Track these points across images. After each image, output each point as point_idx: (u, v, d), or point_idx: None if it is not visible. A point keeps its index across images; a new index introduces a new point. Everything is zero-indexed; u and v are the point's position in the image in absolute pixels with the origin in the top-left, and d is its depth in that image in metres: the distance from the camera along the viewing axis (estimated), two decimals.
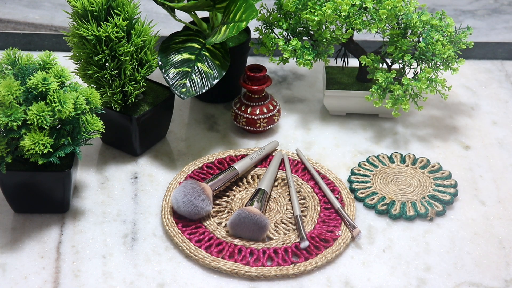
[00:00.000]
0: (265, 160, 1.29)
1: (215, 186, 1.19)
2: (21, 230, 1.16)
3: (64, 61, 1.22)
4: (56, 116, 1.07)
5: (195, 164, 1.27)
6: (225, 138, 1.35)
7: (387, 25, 1.30)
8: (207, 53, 1.27)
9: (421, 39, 1.31)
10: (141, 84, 1.25)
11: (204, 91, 1.24)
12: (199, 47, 1.28)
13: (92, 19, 1.18)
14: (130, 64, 1.22)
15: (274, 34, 1.35)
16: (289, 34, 1.35)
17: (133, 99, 1.24)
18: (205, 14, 1.38)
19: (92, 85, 1.24)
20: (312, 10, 1.28)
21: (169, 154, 1.32)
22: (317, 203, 1.21)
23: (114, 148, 1.31)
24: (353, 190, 1.24)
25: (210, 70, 1.25)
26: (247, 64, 1.42)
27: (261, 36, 1.36)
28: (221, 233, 1.15)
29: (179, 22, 1.33)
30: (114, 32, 1.18)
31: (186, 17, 1.40)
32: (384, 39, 1.35)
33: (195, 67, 1.25)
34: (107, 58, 1.20)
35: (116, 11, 1.19)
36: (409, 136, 1.36)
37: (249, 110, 1.33)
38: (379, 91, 1.31)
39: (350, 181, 1.26)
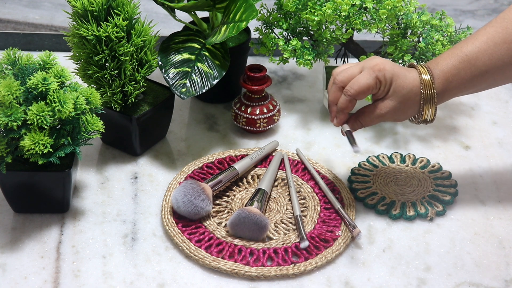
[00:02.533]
0: (265, 160, 1.29)
1: (215, 186, 1.19)
2: (21, 230, 1.16)
3: (64, 61, 1.22)
4: (56, 116, 1.07)
5: (195, 164, 1.27)
6: (225, 138, 1.36)
7: (387, 25, 1.30)
8: (207, 53, 1.27)
9: (421, 39, 1.31)
10: (141, 84, 1.25)
11: (204, 91, 1.24)
12: (199, 47, 1.28)
13: (92, 19, 1.18)
14: (130, 64, 1.22)
15: (274, 34, 1.35)
16: (289, 34, 1.35)
17: (133, 99, 1.24)
18: (205, 14, 1.38)
19: (92, 85, 1.24)
20: (312, 10, 1.28)
21: (169, 154, 1.32)
22: (317, 203, 1.21)
23: (114, 148, 1.32)
24: (353, 190, 1.24)
25: (210, 70, 1.25)
26: (247, 64, 1.42)
27: (261, 36, 1.36)
28: (221, 233, 1.15)
29: (179, 22, 1.33)
30: (114, 32, 1.18)
31: (186, 17, 1.40)
32: (384, 39, 1.35)
33: (195, 67, 1.25)
34: (107, 58, 1.20)
35: (116, 11, 1.19)
36: (409, 136, 1.36)
37: (249, 110, 1.33)
38: None
39: (350, 181, 1.26)
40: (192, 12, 1.32)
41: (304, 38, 1.36)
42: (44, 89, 1.07)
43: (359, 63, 1.12)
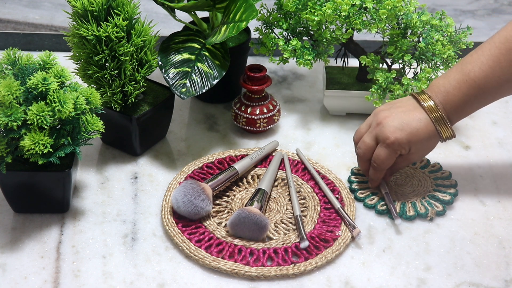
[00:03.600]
0: (265, 160, 1.29)
1: (215, 186, 1.19)
2: (21, 230, 1.16)
3: (64, 61, 1.22)
4: (56, 116, 1.07)
5: (195, 164, 1.27)
6: (225, 138, 1.35)
7: (387, 25, 1.30)
8: (207, 53, 1.27)
9: (421, 39, 1.31)
10: (141, 84, 1.25)
11: (204, 91, 1.24)
12: (199, 47, 1.28)
13: (92, 19, 1.18)
14: (130, 64, 1.22)
15: (274, 34, 1.35)
16: (289, 34, 1.35)
17: (133, 99, 1.24)
18: (205, 14, 1.38)
19: (92, 85, 1.24)
20: (312, 10, 1.28)
21: (169, 154, 1.32)
22: (317, 203, 1.21)
23: (114, 148, 1.32)
24: (353, 190, 1.24)
25: (210, 70, 1.25)
26: (247, 64, 1.42)
27: (261, 36, 1.36)
28: (221, 233, 1.15)
29: (179, 22, 1.33)
30: (114, 32, 1.18)
31: (186, 17, 1.40)
32: (384, 39, 1.35)
33: (195, 67, 1.25)
34: (107, 58, 1.20)
35: (116, 11, 1.19)
36: None
37: (249, 110, 1.33)
38: (379, 91, 1.31)
39: (350, 181, 1.26)
40: (192, 12, 1.32)
41: (304, 38, 1.36)
42: (44, 89, 1.07)
43: (372, 131, 1.18)
